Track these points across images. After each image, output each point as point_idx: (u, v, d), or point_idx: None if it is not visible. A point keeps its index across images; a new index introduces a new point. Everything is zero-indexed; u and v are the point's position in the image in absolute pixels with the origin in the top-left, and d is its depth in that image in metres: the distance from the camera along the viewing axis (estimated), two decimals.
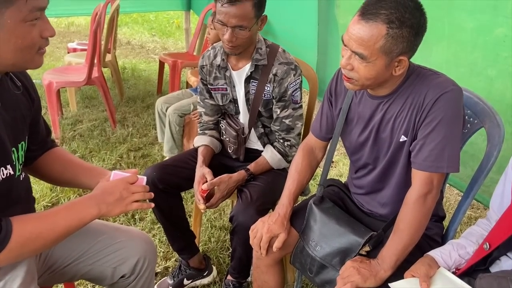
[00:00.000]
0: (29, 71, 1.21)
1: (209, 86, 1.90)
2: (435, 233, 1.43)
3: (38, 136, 1.30)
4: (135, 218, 2.45)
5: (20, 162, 1.16)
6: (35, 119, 1.27)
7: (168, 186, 1.84)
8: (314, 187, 2.62)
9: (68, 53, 4.58)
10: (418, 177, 1.25)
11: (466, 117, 1.41)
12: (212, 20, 1.71)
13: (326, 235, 1.40)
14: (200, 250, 2.09)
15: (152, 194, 1.25)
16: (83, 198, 1.14)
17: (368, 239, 1.32)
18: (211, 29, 3.05)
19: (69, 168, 1.36)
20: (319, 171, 1.66)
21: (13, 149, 1.12)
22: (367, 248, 1.33)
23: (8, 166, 1.09)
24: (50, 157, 1.36)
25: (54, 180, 1.39)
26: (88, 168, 1.37)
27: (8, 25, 0.94)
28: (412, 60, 1.29)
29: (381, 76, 1.22)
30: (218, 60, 1.81)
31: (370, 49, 1.16)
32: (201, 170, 1.79)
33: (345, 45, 1.22)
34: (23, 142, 1.18)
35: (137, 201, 1.19)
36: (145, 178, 1.25)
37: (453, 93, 1.21)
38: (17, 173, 1.14)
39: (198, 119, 2.05)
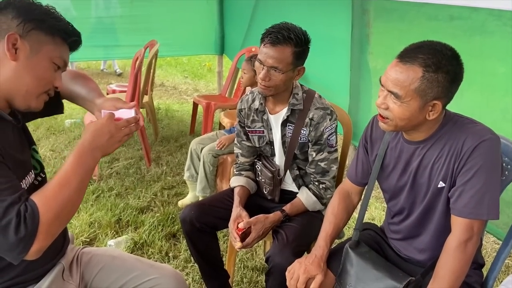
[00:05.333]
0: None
1: (246, 129, 1.98)
2: (474, 280, 1.41)
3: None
4: (169, 256, 2.49)
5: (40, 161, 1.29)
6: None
7: (205, 225, 1.89)
8: (347, 231, 2.61)
9: (107, 94, 4.81)
10: (459, 223, 1.26)
11: (504, 164, 1.42)
12: (252, 63, 1.81)
13: (363, 280, 1.41)
14: None
15: (140, 117, 1.27)
16: (81, 149, 1.14)
17: (407, 285, 1.32)
18: (244, 73, 3.18)
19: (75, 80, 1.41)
20: (353, 215, 1.70)
21: (32, 152, 1.25)
22: None
23: (32, 171, 1.21)
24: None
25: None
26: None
27: (41, 55, 1.12)
28: None
29: (414, 118, 1.27)
30: (256, 104, 1.89)
31: (405, 89, 1.22)
32: (238, 210, 1.83)
33: (382, 86, 1.29)
34: (34, 145, 1.29)
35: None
36: (132, 110, 1.27)
37: (492, 142, 1.24)
38: (39, 170, 1.27)
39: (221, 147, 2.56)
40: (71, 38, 1.18)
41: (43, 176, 1.30)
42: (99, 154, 1.16)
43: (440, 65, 1.19)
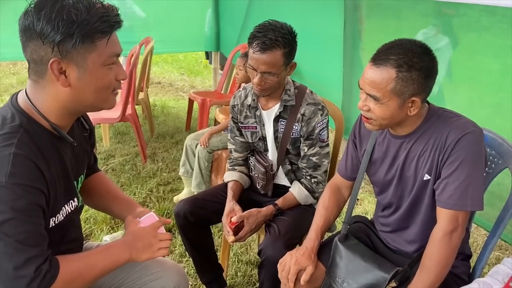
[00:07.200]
0: None
1: (239, 125, 2.00)
2: (461, 271, 1.45)
3: (88, 164, 1.42)
4: None
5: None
6: (90, 150, 1.40)
7: (199, 219, 1.91)
8: (339, 224, 2.64)
9: None
10: (443, 215, 1.29)
11: (491, 157, 1.45)
12: (244, 64, 1.83)
13: (353, 272, 1.44)
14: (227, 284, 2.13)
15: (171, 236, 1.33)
16: (117, 243, 1.22)
17: (394, 275, 1.35)
18: (240, 69, 3.20)
19: (106, 195, 1.46)
20: (344, 209, 1.73)
21: (74, 182, 1.24)
22: (393, 284, 1.35)
23: (75, 198, 1.23)
24: (92, 183, 1.45)
25: (92, 205, 1.49)
26: (122, 198, 1.47)
27: (90, 68, 1.06)
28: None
29: (396, 116, 1.31)
30: (249, 100, 1.92)
31: (382, 91, 1.26)
32: (231, 205, 1.86)
33: (361, 89, 1.33)
34: (82, 175, 1.30)
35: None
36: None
37: (474, 134, 1.27)
38: (79, 203, 1.27)
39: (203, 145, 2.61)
40: (112, 29, 1.07)
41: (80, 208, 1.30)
42: (129, 256, 1.19)
43: (412, 64, 1.23)
